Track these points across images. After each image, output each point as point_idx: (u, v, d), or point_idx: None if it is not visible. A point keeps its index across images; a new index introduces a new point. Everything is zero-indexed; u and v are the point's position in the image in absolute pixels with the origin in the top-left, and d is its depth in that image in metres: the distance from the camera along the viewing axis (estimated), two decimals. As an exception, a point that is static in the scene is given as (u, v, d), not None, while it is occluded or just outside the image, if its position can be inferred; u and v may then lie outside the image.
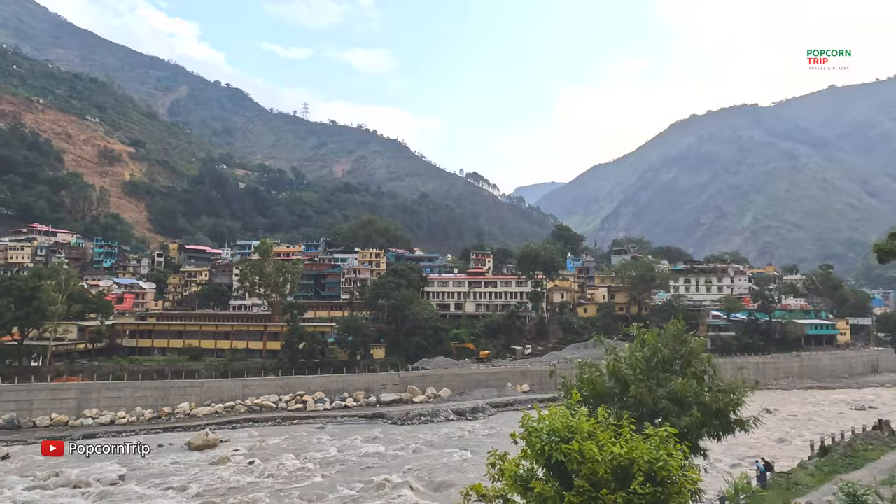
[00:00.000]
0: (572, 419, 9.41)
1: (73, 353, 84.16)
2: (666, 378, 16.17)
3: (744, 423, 16.98)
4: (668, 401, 15.56)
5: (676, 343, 17.37)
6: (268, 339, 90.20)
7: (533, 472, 9.49)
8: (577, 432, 9.18)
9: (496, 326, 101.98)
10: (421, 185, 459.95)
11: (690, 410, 15.52)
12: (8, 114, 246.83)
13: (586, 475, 8.82)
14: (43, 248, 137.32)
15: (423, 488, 41.21)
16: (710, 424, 16.17)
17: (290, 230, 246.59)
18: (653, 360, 16.84)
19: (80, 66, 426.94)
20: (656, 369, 16.69)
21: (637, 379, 15.92)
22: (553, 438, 9.11)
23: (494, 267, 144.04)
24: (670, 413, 15.24)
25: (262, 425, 63.23)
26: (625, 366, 16.47)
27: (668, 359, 16.97)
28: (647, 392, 15.57)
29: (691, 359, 16.86)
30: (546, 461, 9.17)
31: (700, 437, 16.18)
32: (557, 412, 9.69)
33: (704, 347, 18.14)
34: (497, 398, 74.41)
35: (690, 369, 16.67)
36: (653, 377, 16.37)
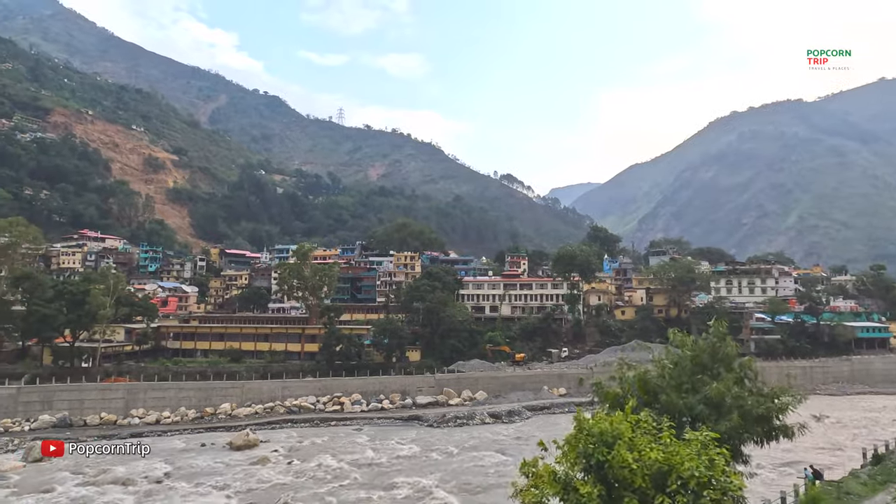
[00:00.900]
0: (616, 424, 9.27)
1: (121, 355, 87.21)
2: (702, 382, 15.75)
3: (788, 430, 16.40)
4: (704, 405, 15.16)
5: (713, 346, 16.90)
6: (305, 341, 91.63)
7: (570, 475, 9.36)
8: (621, 437, 9.04)
9: (532, 329, 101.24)
10: (455, 188, 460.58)
11: (729, 415, 15.08)
12: (60, 125, 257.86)
13: (625, 481, 8.68)
14: (92, 254, 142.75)
15: (458, 491, 41.19)
16: (752, 430, 15.67)
17: (326, 234, 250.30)
18: (687, 364, 16.44)
19: (126, 78, 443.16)
20: (692, 374, 16.28)
21: (669, 385, 15.56)
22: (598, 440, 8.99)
23: (530, 269, 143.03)
24: (707, 418, 14.85)
25: (300, 426, 64.24)
26: (654, 373, 16.12)
27: (705, 363, 16.54)
28: (678, 398, 15.19)
29: (730, 362, 16.37)
30: (586, 464, 9.06)
31: (742, 442, 15.71)
32: (602, 416, 9.57)
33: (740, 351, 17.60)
34: (533, 401, 73.81)
35: (730, 373, 16.20)
36: (687, 382, 15.97)
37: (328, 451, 52.48)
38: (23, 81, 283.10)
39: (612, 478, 8.91)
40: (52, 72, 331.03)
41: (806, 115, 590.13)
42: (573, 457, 9.25)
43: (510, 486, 9.68)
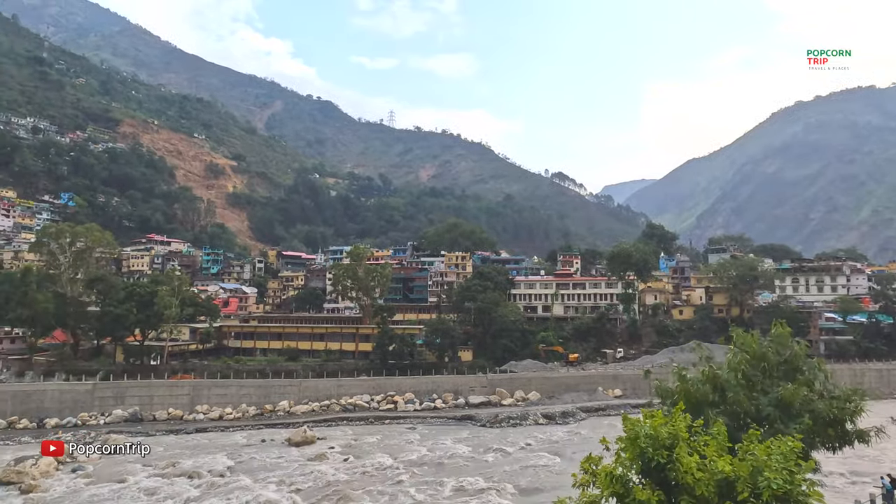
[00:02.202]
0: (674, 425, 8.97)
1: (186, 353, 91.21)
2: (770, 383, 15.04)
3: (864, 435, 15.45)
4: (773, 408, 14.46)
5: (780, 347, 16.11)
6: (359, 340, 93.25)
7: (627, 478, 9.10)
8: (679, 439, 8.73)
9: (585, 329, 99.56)
10: (505, 187, 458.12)
11: (800, 419, 14.35)
12: (129, 135, 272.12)
13: (687, 486, 8.36)
14: (159, 257, 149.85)
15: (511, 492, 40.94)
16: (823, 434, 14.85)
17: (378, 235, 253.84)
18: (755, 365, 15.74)
19: (188, 88, 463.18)
20: (759, 375, 15.58)
21: (738, 384, 14.91)
22: (656, 442, 8.72)
23: (583, 268, 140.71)
24: (776, 421, 14.17)
25: (355, 424, 65.40)
26: (723, 371, 15.49)
27: (773, 364, 15.78)
28: (747, 398, 14.54)
29: (799, 363, 15.56)
30: (645, 466, 8.80)
31: (813, 447, 14.92)
32: (659, 417, 9.27)
33: (810, 351, 16.67)
34: (588, 403, 72.56)
35: (799, 375, 15.40)
36: (756, 383, 15.29)
37: (382, 450, 53.20)
38: (95, 95, 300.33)
39: (673, 482, 8.61)
40: (120, 85, 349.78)
41: (879, 103, 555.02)
42: (630, 458, 8.98)
43: (573, 477, 9.48)
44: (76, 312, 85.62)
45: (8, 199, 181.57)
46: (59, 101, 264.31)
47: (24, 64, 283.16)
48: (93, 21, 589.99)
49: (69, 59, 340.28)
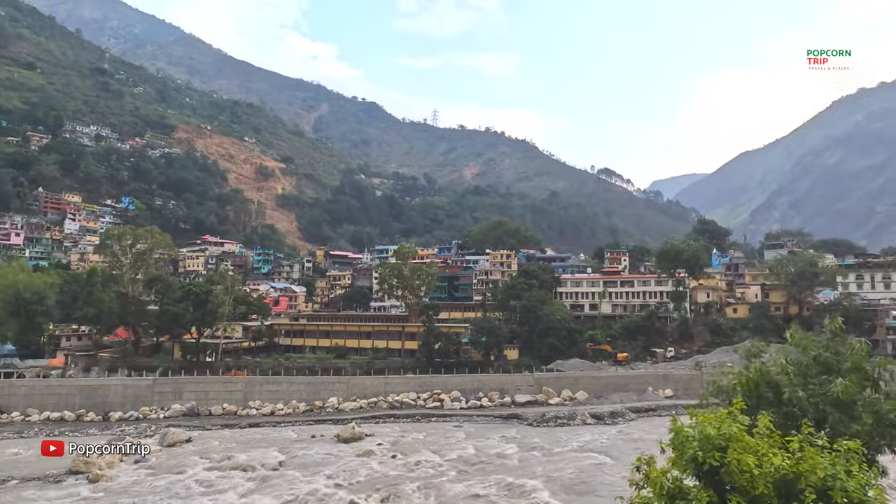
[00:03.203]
0: (727, 426, 8.69)
1: (239, 350, 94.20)
2: (828, 381, 14.36)
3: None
4: (832, 407, 13.80)
5: (838, 344, 15.36)
6: (405, 338, 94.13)
7: (680, 481, 8.87)
8: (733, 440, 8.45)
9: (634, 328, 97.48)
10: (550, 184, 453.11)
11: (862, 420, 13.65)
12: (184, 140, 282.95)
13: (743, 489, 8.10)
14: (213, 257, 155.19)
15: (560, 491, 40.54)
16: (889, 436, 14.06)
17: (423, 234, 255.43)
18: (810, 362, 15.07)
19: (239, 94, 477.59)
20: (816, 373, 14.90)
21: (792, 383, 14.30)
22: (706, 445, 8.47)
23: (631, 265, 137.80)
24: (836, 422, 13.52)
25: (402, 421, 66.04)
26: (776, 369, 14.89)
27: (830, 362, 15.07)
28: (805, 396, 13.92)
29: (861, 362, 14.78)
30: (697, 470, 8.57)
31: (878, 450, 14.17)
32: (710, 417, 9.01)
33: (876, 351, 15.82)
34: (637, 403, 71.05)
35: (860, 373, 14.64)
36: (812, 381, 14.62)
37: (429, 447, 53.55)
38: (152, 102, 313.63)
39: (728, 484, 8.35)
40: (175, 92, 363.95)
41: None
42: (681, 461, 8.75)
43: (630, 475, 9.31)
44: (137, 311, 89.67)
45: (74, 203, 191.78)
46: (119, 110, 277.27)
47: (88, 75, 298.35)
48: (149, 32, 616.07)
49: (128, 69, 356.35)
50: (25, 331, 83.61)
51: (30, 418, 66.45)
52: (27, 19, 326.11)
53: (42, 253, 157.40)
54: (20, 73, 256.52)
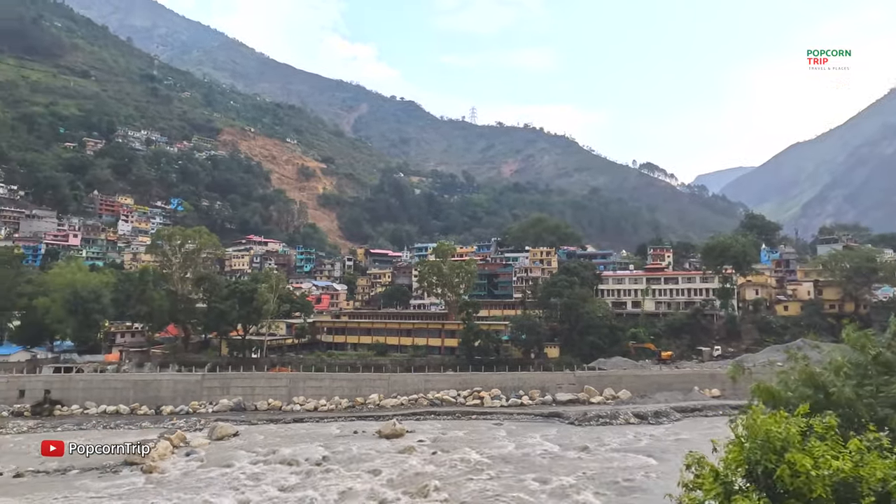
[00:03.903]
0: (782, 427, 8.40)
1: (283, 347, 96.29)
2: (889, 382, 13.66)
3: None
4: (891, 408, 13.14)
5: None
6: (445, 336, 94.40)
7: (732, 483, 8.60)
8: (790, 442, 8.16)
9: (679, 326, 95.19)
10: (591, 180, 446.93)
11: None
12: (228, 143, 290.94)
13: (799, 492, 7.80)
14: (257, 256, 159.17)
15: (603, 491, 39.96)
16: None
17: (462, 232, 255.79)
18: (869, 362, 14.38)
19: (281, 96, 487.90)
20: (875, 373, 14.20)
21: (844, 383, 13.68)
22: (762, 446, 8.20)
23: (675, 262, 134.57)
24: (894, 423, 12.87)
25: (442, 418, 66.28)
26: (827, 369, 14.27)
27: (892, 361, 14.34)
28: (857, 397, 13.29)
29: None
30: (750, 472, 8.31)
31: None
32: (765, 419, 8.73)
33: None
34: (682, 402, 69.38)
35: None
36: (869, 382, 13.95)
37: (470, 444, 53.57)
38: (198, 107, 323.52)
39: (782, 488, 8.06)
40: (220, 96, 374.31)
41: None
42: (735, 462, 8.49)
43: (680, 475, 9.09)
44: (186, 309, 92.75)
45: (127, 205, 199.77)
46: (167, 114, 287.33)
47: (138, 81, 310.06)
48: (195, 38, 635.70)
49: (175, 74, 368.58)
50: (83, 328, 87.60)
51: (88, 411, 69.57)
52: (82, 30, 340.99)
53: (98, 253, 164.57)
54: (76, 81, 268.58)
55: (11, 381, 72.98)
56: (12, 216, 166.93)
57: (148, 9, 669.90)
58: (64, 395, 71.71)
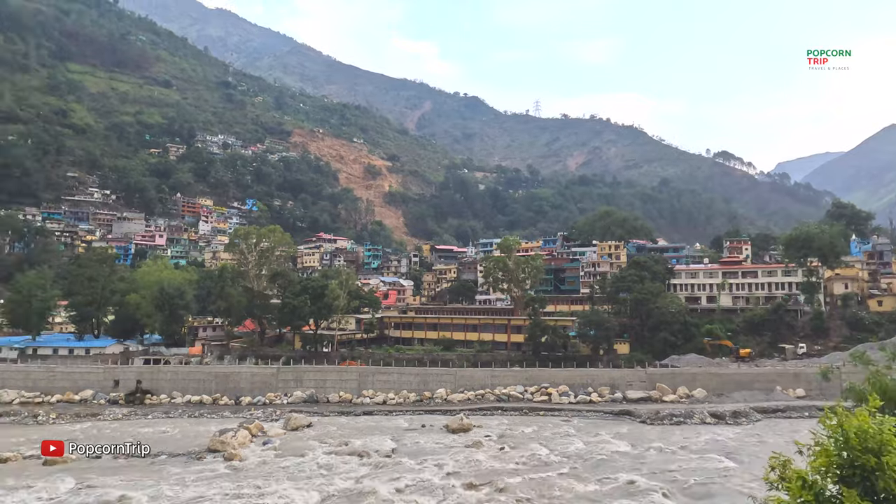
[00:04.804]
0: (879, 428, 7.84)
1: (353, 342, 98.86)
2: None
3: None
4: None
5: None
6: (511, 331, 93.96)
7: (821, 485, 8.10)
8: (888, 443, 7.63)
9: (758, 322, 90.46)
10: (661, 171, 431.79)
11: None
12: (299, 144, 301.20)
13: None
14: (327, 254, 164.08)
15: (677, 493, 38.63)
16: None
17: (527, 226, 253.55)
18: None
19: (347, 97, 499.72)
20: None
21: None
22: (863, 445, 7.70)
23: (753, 254, 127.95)
24: None
25: (509, 414, 66.09)
26: None
27: None
28: None
29: None
30: (846, 474, 7.81)
31: None
32: (860, 419, 8.18)
33: None
34: (763, 402, 65.95)
35: None
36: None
37: (537, 441, 53.14)
38: (270, 110, 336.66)
39: (882, 493, 7.53)
40: (290, 99, 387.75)
41: None
42: (825, 464, 7.98)
43: (765, 475, 8.67)
44: (262, 304, 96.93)
45: (206, 206, 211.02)
46: (242, 119, 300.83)
47: (215, 88, 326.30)
48: (266, 44, 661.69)
49: (249, 80, 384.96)
50: (169, 322, 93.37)
51: (174, 400, 74.12)
52: (164, 42, 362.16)
53: (181, 252, 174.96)
54: (160, 91, 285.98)
55: (107, 372, 78.83)
56: (106, 219, 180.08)
57: (222, 18, 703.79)
58: (153, 384, 76.72)
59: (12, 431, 58.97)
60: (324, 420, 63.99)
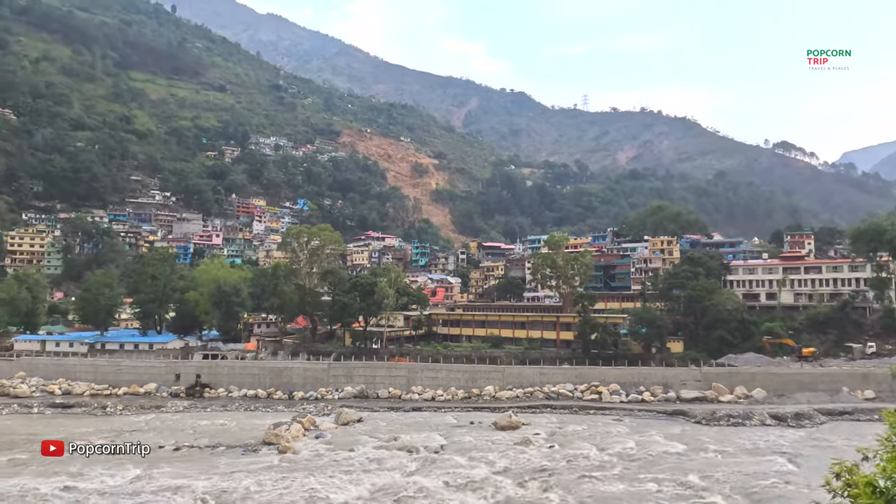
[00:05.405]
0: None
1: (401, 338, 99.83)
2: None
3: None
4: None
5: None
6: (560, 329, 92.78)
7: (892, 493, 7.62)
8: None
9: (822, 319, 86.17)
10: (716, 164, 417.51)
11: None
12: (348, 144, 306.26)
13: None
14: (376, 252, 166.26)
15: (734, 496, 37.29)
16: None
17: (575, 222, 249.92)
18: None
19: (394, 96, 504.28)
20: None
21: None
22: None
23: (817, 249, 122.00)
24: None
25: (559, 412, 65.35)
26: None
27: None
28: None
29: None
30: None
31: None
32: None
33: None
34: (828, 404, 62.87)
35: None
36: None
37: (588, 440, 52.38)
38: (320, 111, 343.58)
39: None
40: (339, 100, 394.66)
41: None
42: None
43: (827, 481, 8.25)
44: (313, 301, 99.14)
45: (260, 207, 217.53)
46: (292, 121, 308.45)
47: (266, 92, 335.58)
48: (315, 47, 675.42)
49: (299, 83, 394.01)
50: (226, 319, 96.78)
51: (231, 394, 76.80)
52: (219, 48, 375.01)
53: (236, 251, 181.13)
54: (215, 95, 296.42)
55: (169, 366, 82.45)
56: (167, 220, 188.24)
57: (273, 23, 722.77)
58: (211, 379, 79.68)
59: (83, 421, 62.53)
60: (373, 415, 64.92)
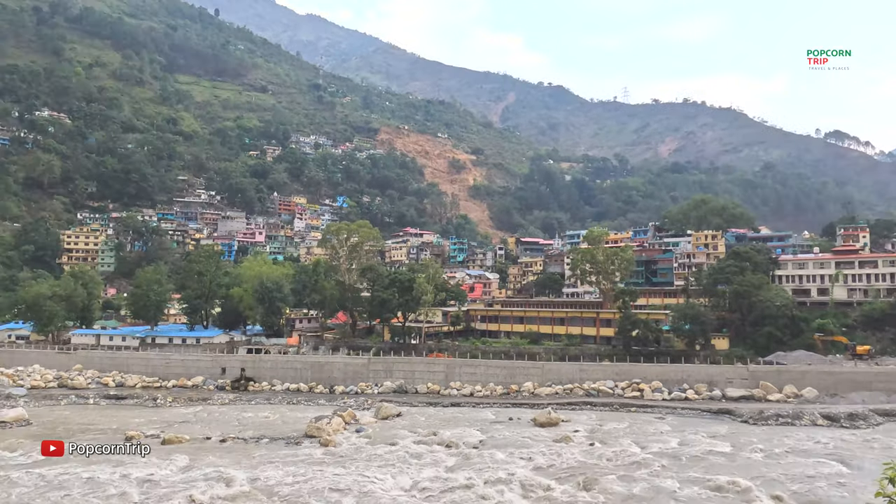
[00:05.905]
0: None
1: (440, 334, 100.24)
2: None
3: None
4: None
5: None
6: (600, 325, 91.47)
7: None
8: None
9: (879, 316, 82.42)
10: (763, 155, 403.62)
11: None
12: (385, 142, 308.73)
13: None
14: (414, 248, 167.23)
15: (783, 498, 36.07)
16: None
17: (615, 217, 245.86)
18: None
19: (431, 93, 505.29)
20: None
21: None
22: None
23: (872, 243, 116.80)
24: None
25: (599, 409, 64.52)
26: None
27: None
28: None
29: None
30: None
31: None
32: None
33: None
34: (885, 405, 60.19)
35: None
36: None
37: (629, 437, 51.52)
38: (358, 110, 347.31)
39: None
40: (377, 98, 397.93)
41: None
42: None
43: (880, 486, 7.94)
44: (353, 297, 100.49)
45: (301, 204, 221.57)
46: (331, 119, 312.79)
47: (306, 91, 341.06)
48: (353, 46, 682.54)
49: (338, 82, 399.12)
50: (269, 314, 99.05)
51: (274, 388, 78.66)
52: (260, 49, 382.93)
53: (278, 248, 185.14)
54: (256, 96, 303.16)
55: (215, 360, 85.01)
56: (212, 218, 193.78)
57: (312, 23, 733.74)
58: (255, 372, 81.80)
59: (135, 412, 65.10)
60: (412, 410, 65.41)
